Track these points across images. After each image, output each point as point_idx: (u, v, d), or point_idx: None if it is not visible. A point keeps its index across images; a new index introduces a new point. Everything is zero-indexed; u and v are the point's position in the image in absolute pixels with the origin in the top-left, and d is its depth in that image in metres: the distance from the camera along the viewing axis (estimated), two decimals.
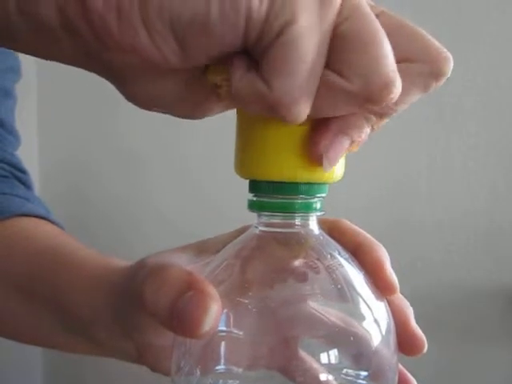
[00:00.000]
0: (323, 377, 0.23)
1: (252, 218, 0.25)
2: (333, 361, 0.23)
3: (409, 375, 0.27)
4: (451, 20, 0.92)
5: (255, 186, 0.23)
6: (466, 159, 0.93)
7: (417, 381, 0.28)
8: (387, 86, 0.18)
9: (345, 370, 0.23)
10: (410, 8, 0.89)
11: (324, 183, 0.23)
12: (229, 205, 0.85)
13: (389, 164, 0.95)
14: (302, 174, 0.22)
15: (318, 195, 0.23)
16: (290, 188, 0.22)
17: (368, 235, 0.27)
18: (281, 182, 0.22)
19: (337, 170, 0.23)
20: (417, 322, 0.26)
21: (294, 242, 0.24)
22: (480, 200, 0.92)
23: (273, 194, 0.23)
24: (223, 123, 0.23)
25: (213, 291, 0.22)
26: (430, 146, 0.94)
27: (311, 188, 0.22)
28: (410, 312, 0.26)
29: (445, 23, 0.91)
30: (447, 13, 0.92)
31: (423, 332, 0.26)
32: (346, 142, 0.21)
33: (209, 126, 0.97)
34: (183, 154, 1.04)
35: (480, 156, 0.92)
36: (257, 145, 0.22)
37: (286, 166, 0.22)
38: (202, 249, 0.30)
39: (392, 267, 0.26)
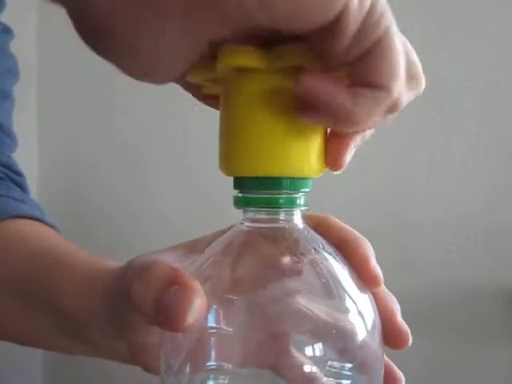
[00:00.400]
0: (307, 368, 0.23)
1: None
2: (318, 354, 0.23)
3: (397, 371, 0.27)
4: (451, 20, 0.92)
5: (239, 183, 0.23)
6: (466, 159, 0.93)
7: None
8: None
9: (330, 363, 0.23)
10: (409, 8, 0.89)
11: (307, 178, 0.23)
12: (229, 204, 0.85)
13: (389, 164, 0.95)
14: (285, 170, 0.22)
15: (302, 190, 0.23)
16: (273, 183, 0.22)
17: (353, 230, 0.27)
18: (264, 178, 0.22)
19: (320, 164, 0.23)
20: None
21: (279, 237, 0.24)
22: (480, 200, 0.92)
23: (256, 190, 0.23)
24: None
25: (197, 285, 0.22)
26: (429, 145, 0.94)
27: (294, 183, 0.23)
28: (395, 306, 0.26)
29: (445, 23, 0.91)
30: (447, 13, 0.92)
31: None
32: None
33: (210, 125, 0.97)
34: (184, 152, 1.04)
35: (480, 156, 0.92)
36: (239, 141, 0.22)
37: (268, 162, 0.22)
38: (192, 248, 0.30)
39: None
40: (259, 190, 0.23)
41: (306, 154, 0.22)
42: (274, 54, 0.20)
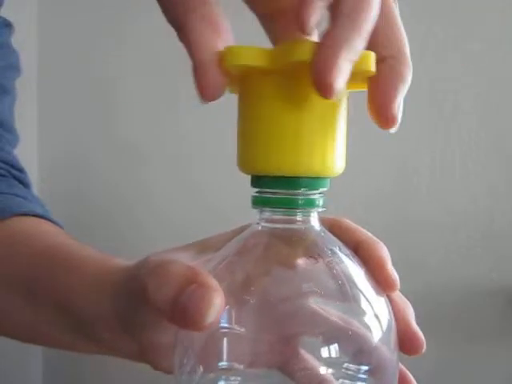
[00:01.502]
0: (323, 370, 0.23)
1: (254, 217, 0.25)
2: (333, 355, 0.23)
3: (409, 375, 0.27)
4: (451, 20, 0.92)
5: (257, 181, 0.23)
6: (466, 159, 0.93)
7: (417, 380, 0.28)
8: None
9: (345, 365, 0.23)
10: (409, 7, 0.89)
11: (325, 177, 0.23)
12: (231, 205, 0.85)
13: (389, 164, 0.95)
14: (303, 168, 0.22)
15: (320, 189, 0.23)
16: (291, 182, 0.22)
17: (368, 233, 0.28)
18: (282, 177, 0.22)
19: (337, 163, 0.23)
20: (417, 322, 0.27)
21: (296, 239, 0.24)
22: (480, 200, 0.92)
23: (274, 189, 0.23)
24: (225, 123, 0.23)
25: (215, 284, 0.22)
26: (429, 145, 0.94)
27: (312, 182, 0.22)
28: (411, 312, 0.27)
29: (445, 23, 0.91)
30: (447, 12, 0.92)
31: (423, 331, 0.26)
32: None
33: (211, 125, 0.97)
34: (185, 152, 1.04)
35: (480, 156, 0.92)
36: (257, 140, 0.22)
37: (286, 161, 0.22)
38: (204, 247, 0.30)
39: (392, 267, 0.26)
40: (276, 189, 0.23)
41: (323, 154, 0.22)
42: (278, 51, 0.21)
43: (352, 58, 0.20)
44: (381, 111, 0.22)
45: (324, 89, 0.19)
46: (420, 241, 0.94)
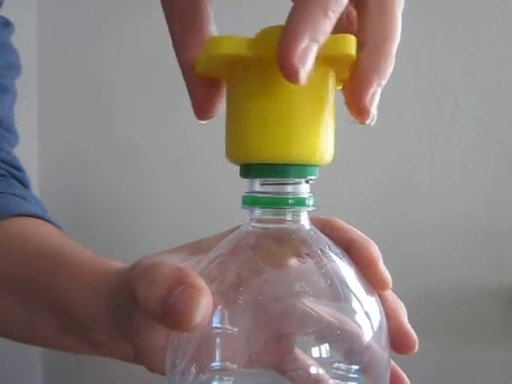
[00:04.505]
0: (314, 370, 0.23)
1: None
2: (324, 355, 0.23)
3: (403, 374, 0.27)
4: (451, 19, 0.91)
5: (246, 170, 0.23)
6: (466, 160, 0.93)
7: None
8: None
9: (336, 365, 0.23)
10: (409, 7, 0.89)
11: (314, 165, 0.23)
12: (231, 205, 0.85)
13: (389, 164, 0.95)
14: (293, 156, 0.22)
15: (309, 177, 0.23)
16: (281, 169, 0.22)
17: (360, 232, 0.27)
18: (271, 164, 0.22)
19: (326, 152, 0.22)
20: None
21: (286, 238, 0.24)
22: (480, 200, 0.92)
23: (263, 177, 0.23)
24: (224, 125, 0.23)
25: (203, 284, 0.22)
26: (429, 145, 0.94)
27: (302, 170, 0.22)
28: (403, 311, 0.27)
29: (445, 23, 0.91)
30: (447, 12, 0.91)
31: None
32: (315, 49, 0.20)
33: (211, 125, 0.96)
34: (184, 152, 1.04)
35: (480, 156, 0.92)
36: (245, 129, 0.22)
37: (275, 148, 0.22)
38: (196, 249, 0.30)
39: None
40: (266, 176, 0.22)
41: (312, 141, 0.22)
42: (258, 38, 0.21)
43: (316, 38, 0.19)
44: (353, 101, 0.22)
45: (288, 72, 0.19)
46: (420, 241, 0.94)
